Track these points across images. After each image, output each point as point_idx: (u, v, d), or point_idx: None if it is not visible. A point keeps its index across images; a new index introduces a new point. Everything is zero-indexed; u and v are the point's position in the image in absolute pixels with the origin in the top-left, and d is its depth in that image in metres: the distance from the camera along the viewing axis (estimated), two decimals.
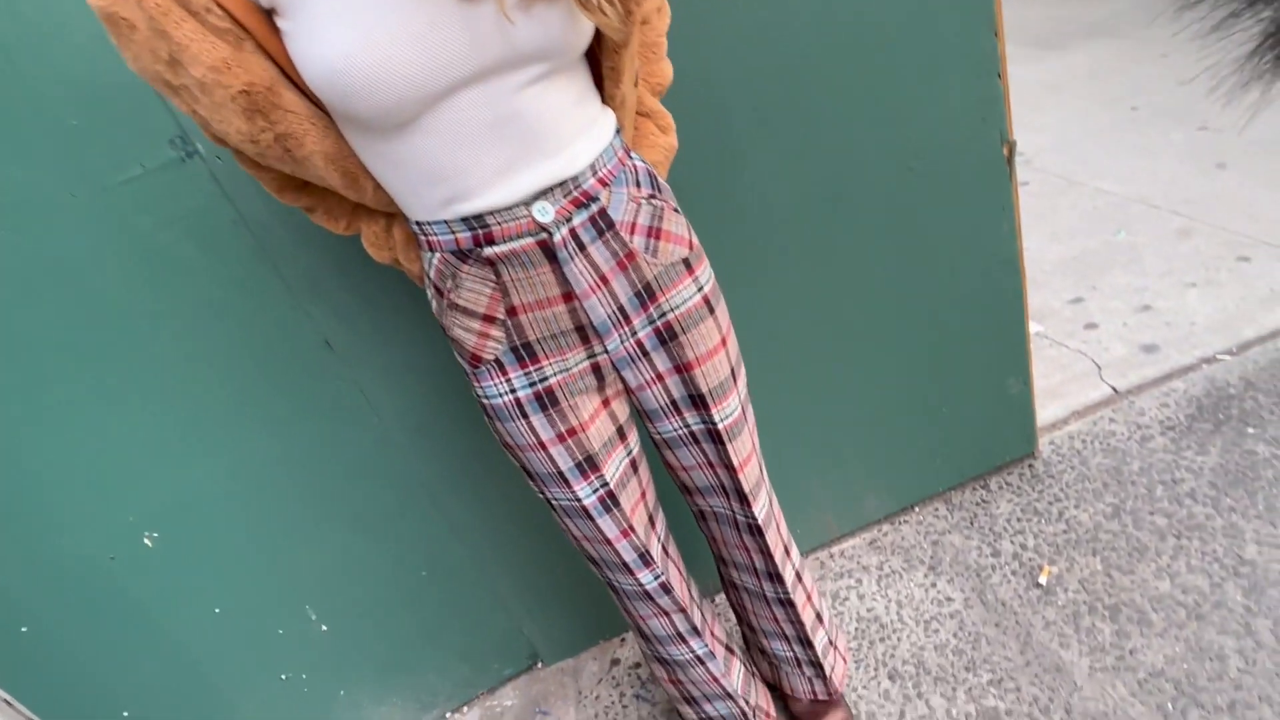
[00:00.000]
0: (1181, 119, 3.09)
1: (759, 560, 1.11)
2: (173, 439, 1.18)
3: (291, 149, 0.70)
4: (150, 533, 1.22)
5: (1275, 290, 1.98)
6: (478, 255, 0.77)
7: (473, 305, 0.81)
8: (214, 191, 1.04)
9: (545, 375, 0.85)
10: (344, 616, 1.41)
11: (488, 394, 0.87)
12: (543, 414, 0.87)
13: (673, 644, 1.11)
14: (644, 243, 0.83)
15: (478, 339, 0.83)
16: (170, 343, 1.12)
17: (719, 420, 0.94)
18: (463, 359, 0.87)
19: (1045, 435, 1.76)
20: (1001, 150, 1.31)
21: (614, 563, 1.01)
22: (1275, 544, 1.37)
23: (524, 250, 0.77)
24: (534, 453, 0.90)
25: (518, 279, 0.79)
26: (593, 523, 0.95)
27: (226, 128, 0.68)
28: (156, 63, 0.65)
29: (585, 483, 0.92)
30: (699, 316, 0.89)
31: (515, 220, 0.75)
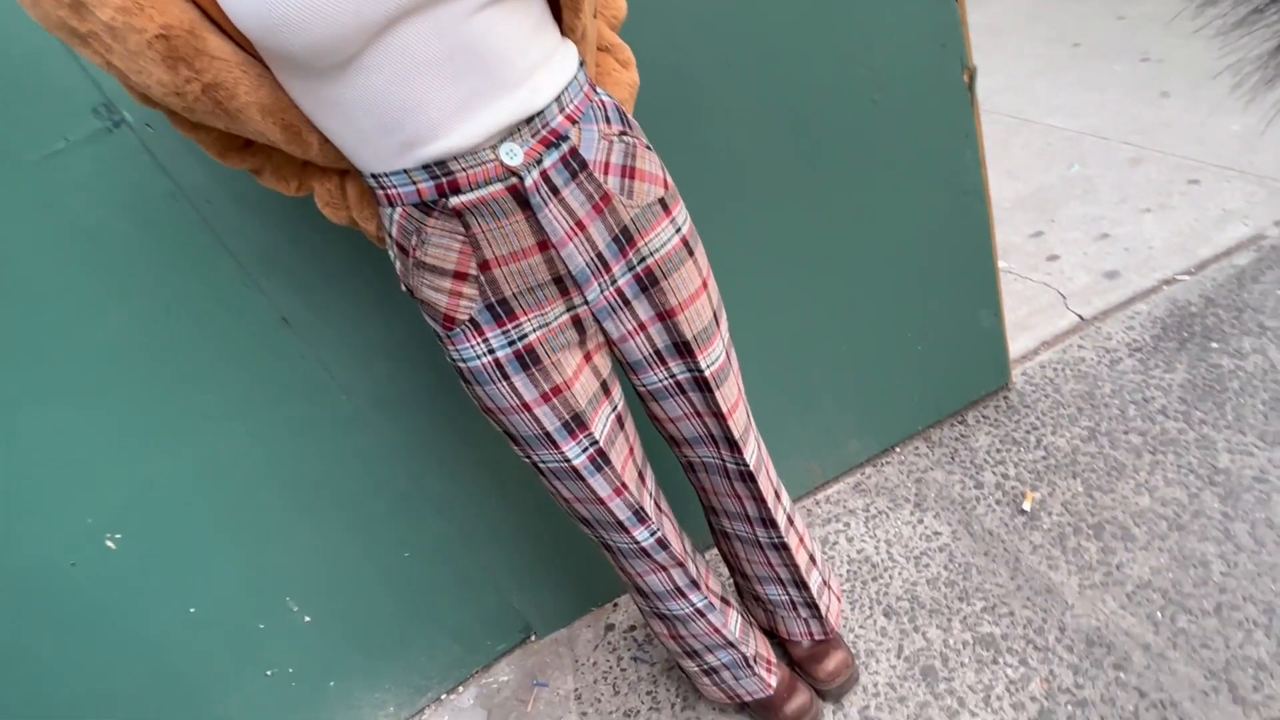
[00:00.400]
0: (1122, 52, 3.13)
1: (751, 507, 1.09)
2: (126, 433, 1.11)
3: (223, 101, 0.63)
4: (112, 534, 1.16)
5: (1226, 210, 2.01)
6: (443, 206, 0.71)
7: (442, 262, 0.76)
8: (147, 163, 0.97)
9: (525, 332, 0.80)
10: (327, 605, 1.36)
11: (464, 357, 0.82)
12: (524, 373, 0.82)
13: (672, 599, 1.09)
14: (619, 183, 0.78)
15: (449, 299, 0.78)
16: (113, 331, 1.05)
17: (705, 367, 0.91)
18: (434, 322, 0.82)
19: (1017, 367, 1.78)
20: (962, 77, 1.29)
21: (608, 522, 0.98)
22: (1246, 451, 1.40)
23: (493, 198, 0.71)
24: (518, 415, 0.85)
25: (489, 230, 0.73)
26: (584, 483, 0.92)
27: (147, 80, 0.61)
28: (59, 7, 0.58)
29: (574, 442, 0.88)
30: (679, 260, 0.85)
31: (481, 165, 0.69)
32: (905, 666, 1.28)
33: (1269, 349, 1.58)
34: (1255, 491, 1.33)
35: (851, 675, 1.26)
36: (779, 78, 1.19)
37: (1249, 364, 1.57)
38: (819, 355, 1.48)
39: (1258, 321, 1.66)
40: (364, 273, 1.12)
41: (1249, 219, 1.95)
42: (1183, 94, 2.64)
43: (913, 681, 1.26)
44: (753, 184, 1.26)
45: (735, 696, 1.21)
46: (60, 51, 0.89)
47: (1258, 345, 1.60)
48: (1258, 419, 1.45)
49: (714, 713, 1.33)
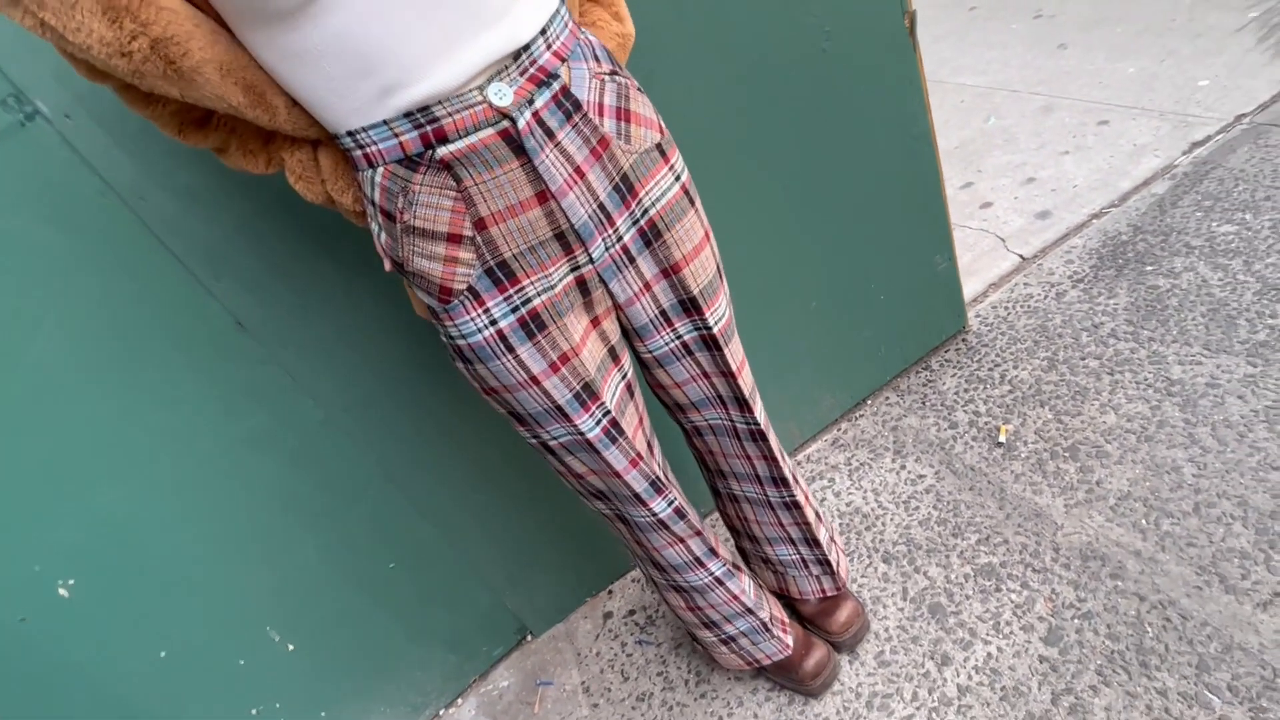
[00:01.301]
0: (1016, 11, 3.28)
1: (762, 467, 1.08)
2: (70, 465, 1.00)
3: (175, 60, 0.56)
4: (64, 581, 1.05)
5: (1138, 145, 2.12)
6: (430, 159, 0.66)
7: (433, 225, 0.69)
8: (69, 159, 0.87)
9: (528, 296, 0.74)
10: (311, 631, 1.27)
11: (464, 332, 0.75)
12: (530, 343, 0.76)
13: (690, 570, 1.06)
14: (615, 126, 0.73)
15: (444, 266, 0.71)
16: (45, 351, 0.94)
17: (713, 323, 0.88)
18: (429, 296, 0.75)
19: (970, 309, 1.82)
20: (904, 21, 1.31)
21: (625, 495, 0.94)
22: (1195, 361, 1.47)
23: (484, 144, 0.65)
24: (526, 391, 0.80)
25: (482, 182, 0.67)
26: (599, 456, 0.87)
27: (87, 39, 0.54)
28: None
29: (586, 414, 0.83)
30: (681, 210, 0.82)
31: (469, 108, 0.64)
32: (912, 607, 1.29)
33: (1198, 265, 1.67)
34: (1209, 396, 1.40)
35: (863, 624, 1.26)
36: (730, 26, 1.18)
37: (1183, 281, 1.65)
38: (787, 313, 1.48)
39: (1184, 242, 1.75)
40: (322, 267, 1.05)
41: (1159, 151, 2.07)
42: (1079, 44, 2.79)
43: (922, 620, 1.27)
44: (706, 141, 1.24)
45: (754, 661, 1.19)
46: None
47: (1188, 264, 1.69)
48: (1200, 330, 1.53)
49: (730, 682, 1.31)
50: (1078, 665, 1.12)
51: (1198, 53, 2.40)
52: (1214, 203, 1.81)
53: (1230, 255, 1.66)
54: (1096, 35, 2.77)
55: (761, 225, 1.37)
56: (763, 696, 1.26)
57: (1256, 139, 1.95)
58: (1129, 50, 2.59)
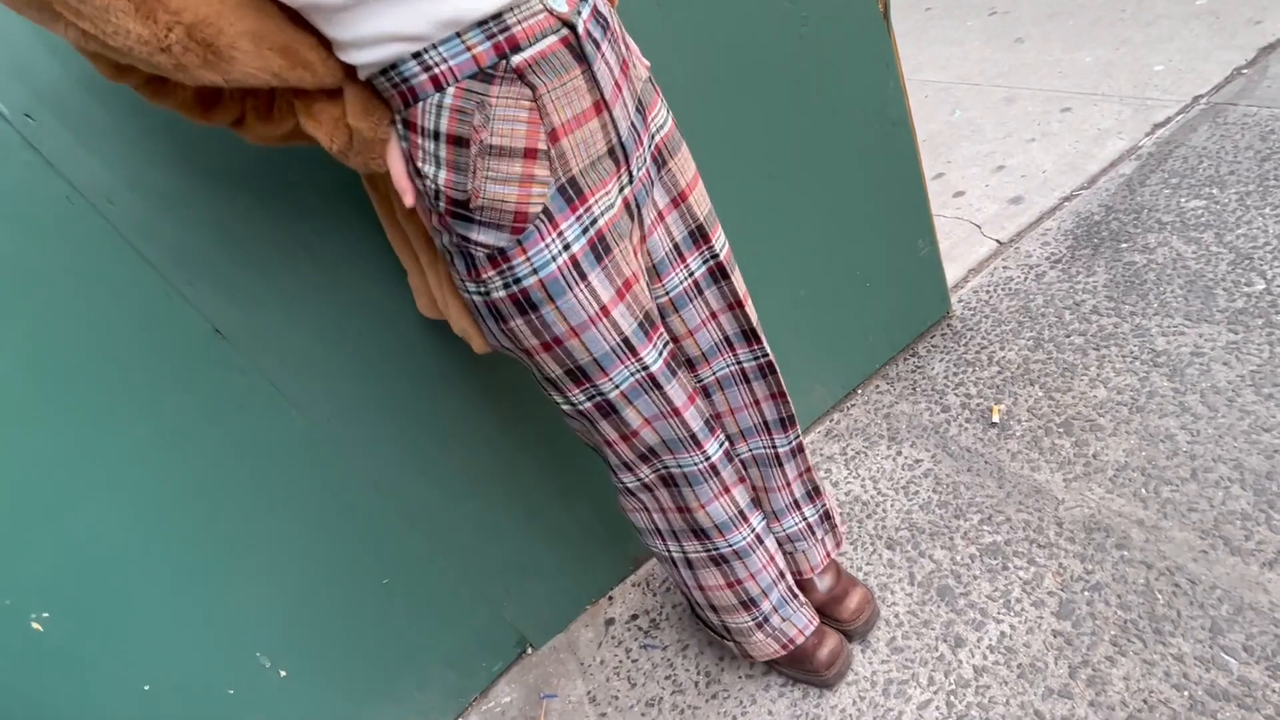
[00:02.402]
0: (971, 9, 3.35)
1: (770, 408, 1.08)
2: (39, 489, 0.94)
3: (211, 40, 0.58)
4: (38, 614, 0.98)
5: (1101, 128, 2.17)
6: (505, 70, 0.66)
7: (511, 140, 0.69)
8: (32, 161, 0.83)
9: (594, 216, 0.76)
10: (303, 655, 1.21)
11: (537, 265, 0.73)
12: (599, 267, 0.77)
13: (734, 528, 1.04)
14: (626, 51, 0.79)
15: (520, 188, 0.70)
16: (12, 365, 0.89)
17: (719, 250, 0.94)
18: (498, 232, 0.72)
19: (953, 295, 1.83)
20: (878, 7, 1.32)
21: (682, 437, 0.93)
22: (1177, 331, 1.49)
23: (552, 51, 0.68)
24: (595, 327, 0.79)
25: (553, 90, 0.69)
26: (661, 392, 0.88)
27: (125, 40, 0.55)
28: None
29: (650, 344, 0.85)
30: (678, 141, 0.89)
31: (534, 16, 0.66)
32: (921, 591, 1.28)
33: (1172, 239, 1.70)
34: (1195, 365, 1.41)
35: (873, 610, 1.24)
36: (707, 13, 1.17)
37: (1158, 256, 1.68)
38: (775, 303, 1.47)
39: (1155, 218, 1.78)
40: (302, 268, 1.01)
41: (1123, 134, 2.11)
42: (1035, 37, 2.85)
43: (932, 604, 1.25)
44: (687, 132, 1.23)
45: (789, 641, 1.15)
46: None
47: (1161, 239, 1.72)
48: (1179, 301, 1.55)
49: (741, 680, 1.27)
50: (1092, 637, 1.11)
51: (1151, 40, 2.47)
52: (1180, 180, 1.85)
53: (1201, 229, 1.69)
54: (1051, 28, 2.84)
55: (745, 215, 1.35)
56: (776, 693, 1.23)
57: (1215, 118, 2.00)
58: (1084, 41, 2.65)
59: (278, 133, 0.72)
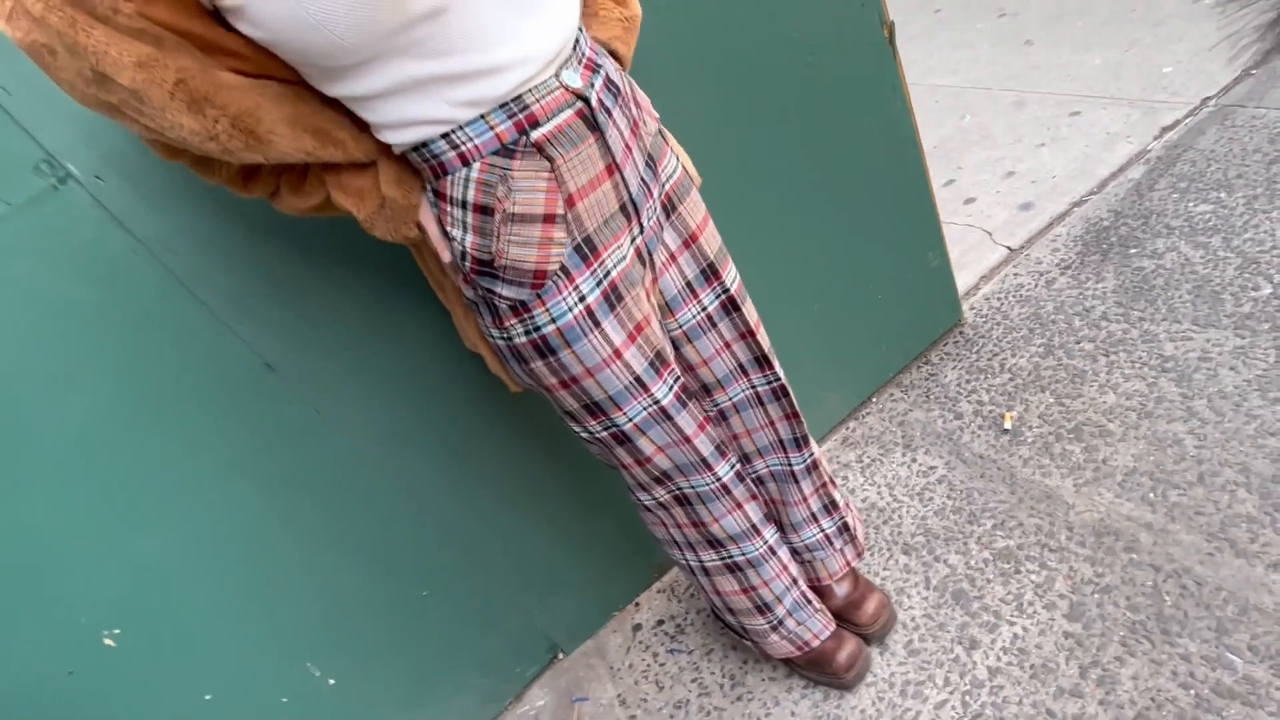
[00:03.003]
0: (981, 11, 3.37)
1: (784, 428, 1.13)
2: (110, 516, 1.03)
3: (253, 128, 0.65)
4: (110, 631, 1.06)
5: (1110, 132, 2.20)
6: (525, 145, 0.73)
7: (531, 208, 0.76)
8: (100, 218, 0.90)
9: (608, 269, 0.83)
10: (350, 664, 1.29)
11: (555, 315, 0.81)
12: (612, 315, 0.84)
13: (747, 539, 1.11)
14: (636, 112, 0.85)
15: (540, 250, 0.77)
16: (84, 405, 0.97)
17: (730, 284, 0.99)
18: (519, 288, 0.79)
19: (964, 302, 1.87)
20: (883, 32, 1.37)
21: (692, 462, 1.00)
22: (1185, 337, 1.53)
23: (568, 124, 0.74)
24: (609, 368, 0.86)
25: (570, 160, 0.76)
26: (672, 423, 0.94)
27: (181, 132, 0.63)
28: (88, 85, 0.61)
29: (660, 380, 0.92)
30: (688, 186, 0.95)
31: (551, 94, 0.73)
32: (936, 595, 1.32)
33: (1180, 245, 1.73)
34: (1203, 370, 1.45)
35: (891, 614, 1.29)
36: (717, 47, 1.22)
37: (1167, 261, 1.71)
38: (790, 318, 1.52)
39: (1164, 223, 1.81)
40: (342, 305, 1.08)
41: (1131, 137, 2.14)
42: (1044, 39, 2.87)
43: (947, 607, 1.30)
44: (701, 161, 1.28)
45: (804, 644, 1.22)
46: None
47: (1170, 244, 1.75)
48: (1187, 307, 1.58)
49: (765, 683, 1.33)
50: (1101, 638, 1.16)
51: (1159, 40, 2.49)
52: (1189, 184, 1.88)
53: (1209, 233, 1.72)
54: (1060, 30, 2.86)
55: (760, 235, 1.41)
56: (798, 694, 1.29)
57: (1223, 120, 2.02)
58: (1093, 42, 2.67)
59: (308, 204, 0.78)
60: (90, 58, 0.58)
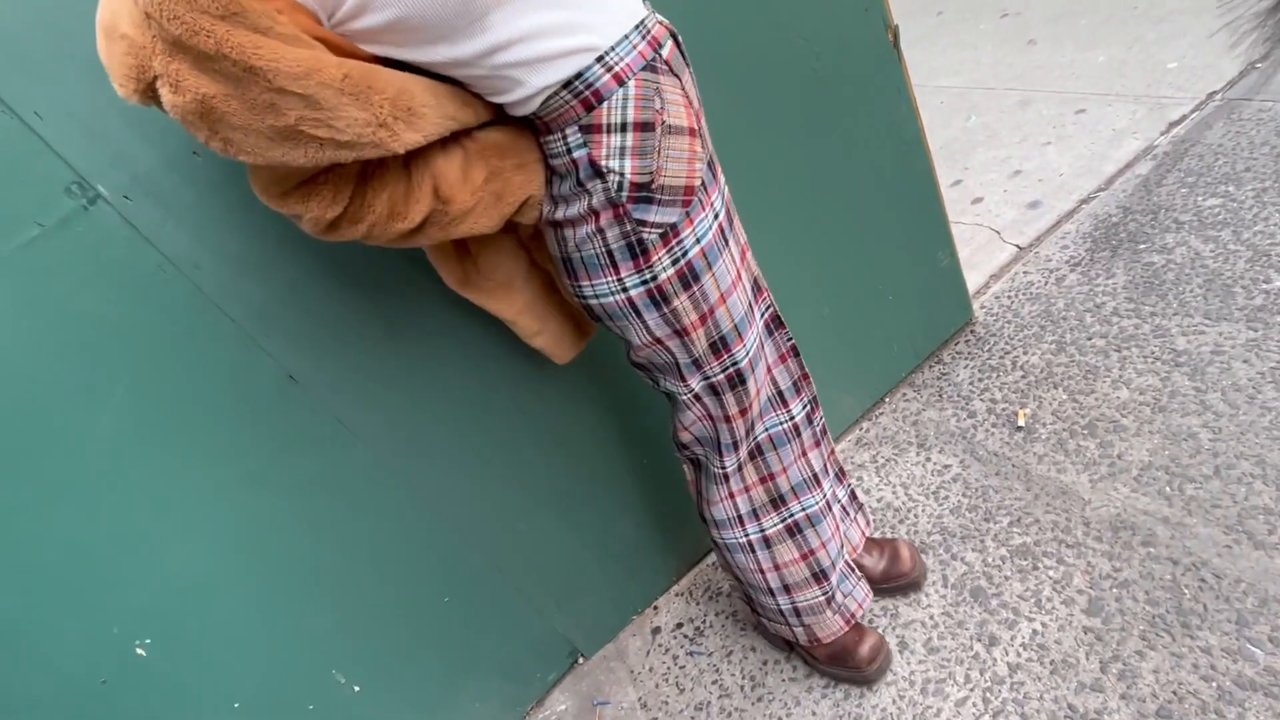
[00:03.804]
0: (982, 12, 3.39)
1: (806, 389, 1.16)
2: (142, 528, 1.05)
3: (409, 104, 0.70)
4: (141, 640, 1.08)
5: (1116, 129, 2.20)
6: (661, 61, 0.79)
7: (681, 120, 0.81)
8: (130, 236, 0.93)
9: (722, 189, 0.91)
10: (374, 670, 1.30)
11: (700, 234, 0.85)
12: (732, 233, 0.91)
13: (809, 489, 1.14)
14: None
15: (689, 165, 0.82)
16: (115, 419, 0.99)
17: (772, 301, 1.07)
18: (673, 209, 0.82)
19: (974, 301, 1.88)
20: (887, 36, 1.38)
21: (770, 397, 1.06)
22: (1197, 331, 1.53)
23: (674, 52, 0.82)
24: (735, 291, 0.91)
25: (686, 80, 0.83)
26: (762, 353, 1.00)
27: (354, 127, 0.66)
28: (263, 115, 0.63)
29: (760, 301, 0.99)
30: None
31: (658, 25, 0.80)
32: (954, 593, 1.33)
33: (1190, 239, 1.73)
34: (1216, 364, 1.45)
35: (921, 564, 1.36)
36: (724, 53, 1.24)
37: (1177, 256, 1.71)
38: (802, 321, 1.53)
39: (1173, 218, 1.81)
40: (365, 318, 1.10)
41: (1138, 133, 2.14)
42: (1047, 38, 2.88)
43: (965, 605, 1.30)
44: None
45: (852, 617, 1.25)
46: (22, 132, 0.85)
47: (1179, 239, 1.75)
48: (1199, 301, 1.58)
49: (785, 683, 1.34)
50: (1121, 632, 1.16)
51: (1163, 37, 2.50)
52: (1197, 178, 1.88)
53: (1219, 227, 1.72)
54: (1063, 28, 2.87)
55: (771, 239, 1.42)
56: (819, 694, 1.30)
57: (1230, 114, 2.03)
58: (1096, 40, 2.68)
59: (411, 219, 0.80)
60: (263, 78, 0.60)
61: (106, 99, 0.86)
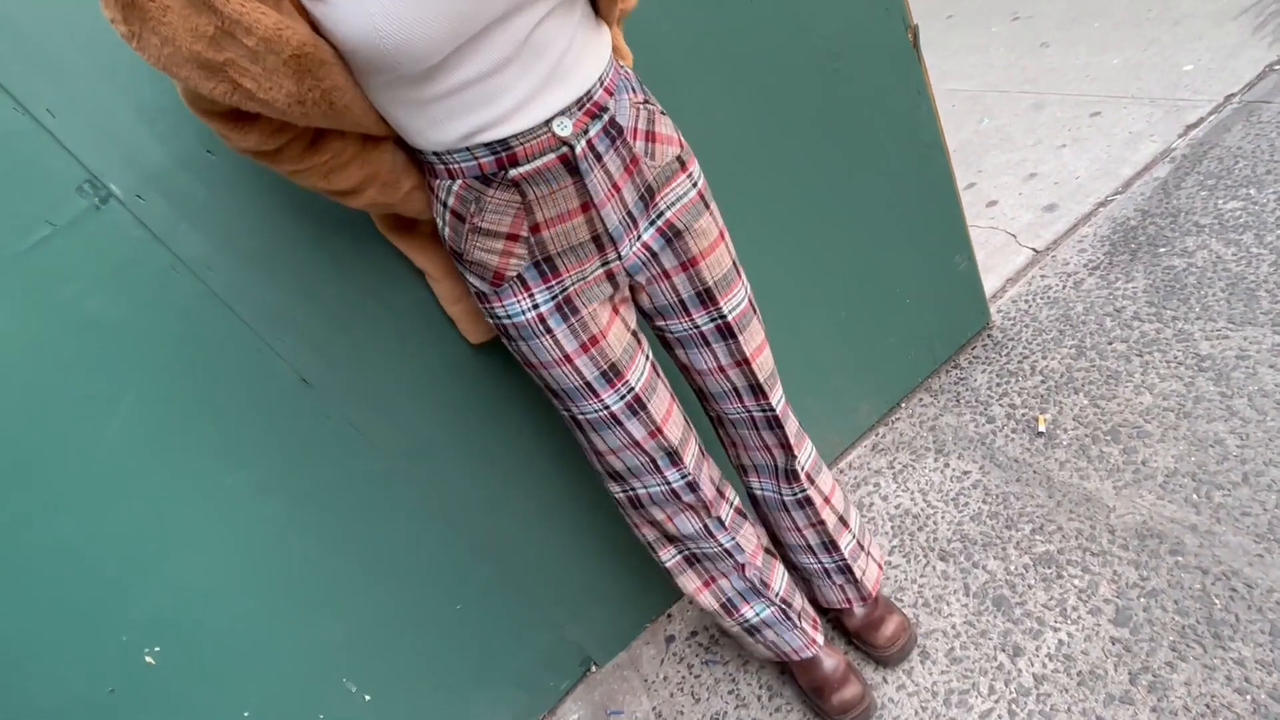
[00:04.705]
0: (993, 15, 3.37)
1: (779, 456, 1.12)
2: (150, 535, 1.03)
3: (335, 101, 0.69)
4: (150, 648, 1.06)
5: (1133, 132, 2.18)
6: (502, 178, 0.77)
7: (497, 227, 0.81)
8: (141, 237, 0.91)
9: (565, 286, 0.86)
10: (385, 679, 1.28)
11: (510, 313, 0.87)
12: (565, 325, 0.88)
13: (703, 539, 1.11)
14: (644, 146, 0.85)
15: (500, 259, 0.83)
16: (125, 423, 0.97)
17: (728, 312, 0.97)
18: (483, 281, 0.86)
19: (991, 305, 1.86)
20: (907, 36, 1.36)
21: (641, 465, 1.01)
22: (1221, 335, 1.50)
23: (547, 167, 0.77)
24: (560, 368, 0.90)
25: (541, 196, 0.79)
26: (621, 428, 0.96)
27: (275, 94, 0.65)
28: (196, 41, 0.60)
29: (611, 390, 0.93)
30: (697, 211, 0.92)
31: (537, 139, 0.75)
32: (976, 602, 1.30)
33: (1211, 243, 1.71)
34: (1241, 368, 1.42)
35: (910, 638, 1.27)
36: (744, 54, 1.22)
37: (1198, 259, 1.69)
38: (818, 325, 1.51)
39: (1193, 221, 1.79)
40: (379, 319, 1.08)
41: (1155, 136, 2.12)
42: (1059, 41, 2.86)
43: (988, 614, 1.28)
44: (730, 167, 1.28)
45: (783, 655, 1.21)
46: (35, 130, 0.83)
47: (1200, 242, 1.73)
48: (1222, 305, 1.56)
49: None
50: (1150, 643, 1.13)
51: (1178, 39, 2.47)
52: (1217, 181, 1.86)
53: (1240, 230, 1.69)
54: (1076, 31, 2.85)
55: (787, 241, 1.40)
56: None
57: (1249, 117, 2.00)
58: (1110, 43, 2.66)
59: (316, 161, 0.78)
60: (220, 17, 0.58)
61: (120, 97, 0.85)
